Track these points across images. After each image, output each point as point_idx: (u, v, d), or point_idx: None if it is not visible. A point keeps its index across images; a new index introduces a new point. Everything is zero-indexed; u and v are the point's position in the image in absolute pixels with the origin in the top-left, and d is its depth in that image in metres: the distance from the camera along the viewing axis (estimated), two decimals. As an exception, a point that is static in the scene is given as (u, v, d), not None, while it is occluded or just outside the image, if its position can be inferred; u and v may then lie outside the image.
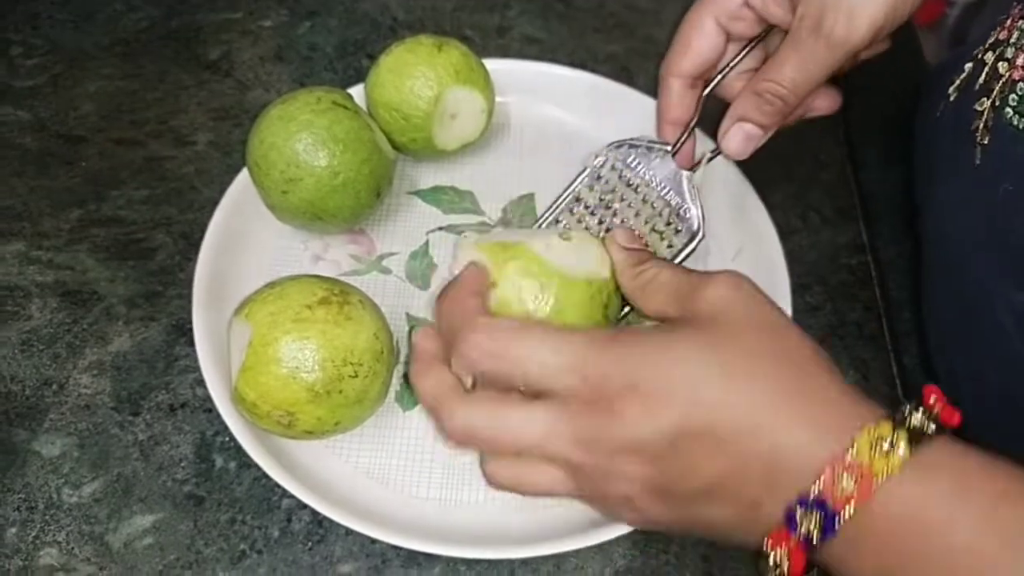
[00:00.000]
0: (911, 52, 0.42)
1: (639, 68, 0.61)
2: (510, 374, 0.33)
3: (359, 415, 0.41)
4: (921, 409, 0.29)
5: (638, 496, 0.32)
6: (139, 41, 0.61)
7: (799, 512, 0.29)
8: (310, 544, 0.41)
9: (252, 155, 0.45)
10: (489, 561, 0.41)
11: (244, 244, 0.49)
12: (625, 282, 0.39)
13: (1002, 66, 0.38)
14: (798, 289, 0.48)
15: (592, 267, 0.40)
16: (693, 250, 0.44)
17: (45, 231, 0.51)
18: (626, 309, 0.42)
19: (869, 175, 0.56)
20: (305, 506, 0.40)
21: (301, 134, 0.44)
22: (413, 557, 0.41)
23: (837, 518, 0.28)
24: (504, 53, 0.61)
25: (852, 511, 0.28)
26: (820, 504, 0.28)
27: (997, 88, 0.38)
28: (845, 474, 0.28)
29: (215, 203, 0.48)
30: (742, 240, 0.50)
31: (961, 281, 0.42)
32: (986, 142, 0.39)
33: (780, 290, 0.47)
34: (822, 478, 0.28)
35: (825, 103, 0.46)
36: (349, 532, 0.41)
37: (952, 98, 0.42)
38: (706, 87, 0.46)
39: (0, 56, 0.60)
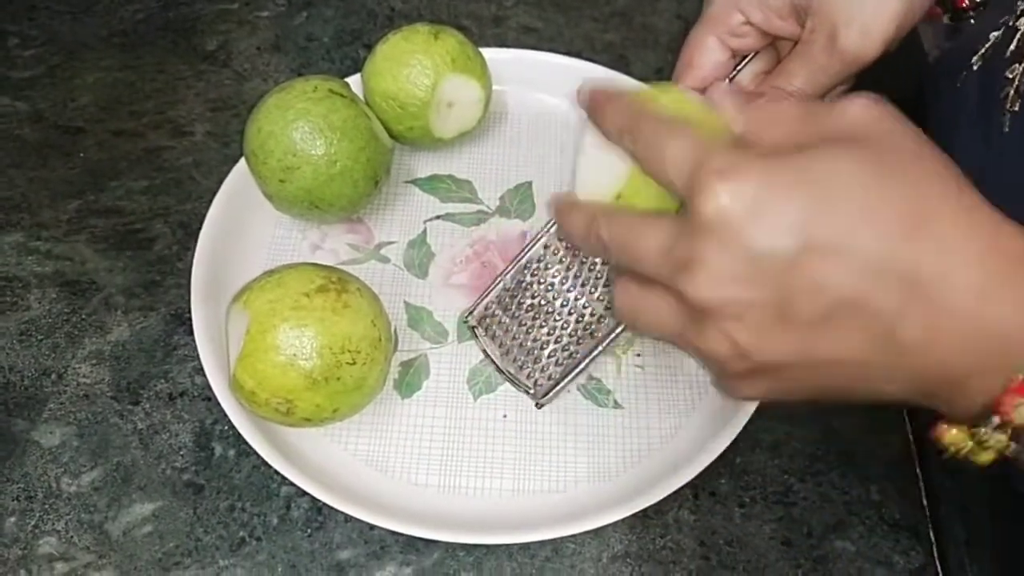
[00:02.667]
0: (912, 43, 0.42)
1: (636, 57, 0.61)
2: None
3: (357, 402, 0.41)
4: None
5: (753, 328, 0.28)
6: (137, 32, 0.61)
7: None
8: (309, 531, 0.42)
9: (249, 144, 0.45)
10: (487, 546, 0.41)
11: (242, 234, 0.49)
12: (741, 116, 0.32)
13: None
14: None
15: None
16: None
17: (44, 222, 0.51)
18: None
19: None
20: (304, 493, 0.40)
21: (298, 122, 0.44)
22: (412, 543, 0.41)
23: None
24: (501, 42, 0.61)
25: None
26: None
27: None
28: None
29: (213, 193, 0.48)
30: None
31: None
32: (1016, 108, 0.37)
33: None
34: None
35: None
36: (348, 519, 0.41)
37: (976, 67, 0.41)
38: None
39: (-3, 48, 0.60)
